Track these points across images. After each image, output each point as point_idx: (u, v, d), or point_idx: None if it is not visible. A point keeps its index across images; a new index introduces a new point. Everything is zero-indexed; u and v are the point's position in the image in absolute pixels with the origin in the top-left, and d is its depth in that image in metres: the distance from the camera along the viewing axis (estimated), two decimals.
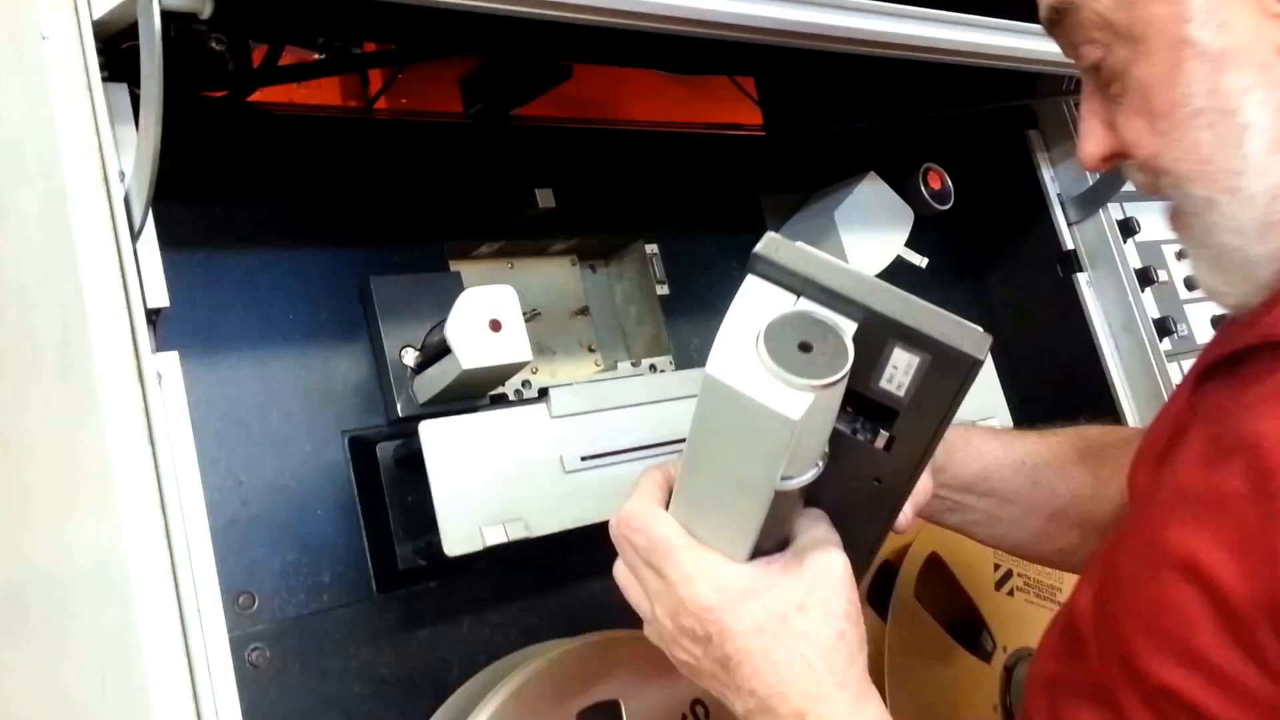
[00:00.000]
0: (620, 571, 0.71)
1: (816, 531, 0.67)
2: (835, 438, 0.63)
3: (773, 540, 0.67)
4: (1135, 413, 1.41)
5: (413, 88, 1.79)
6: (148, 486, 0.67)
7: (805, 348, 0.56)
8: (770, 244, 0.60)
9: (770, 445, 0.58)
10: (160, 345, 0.85)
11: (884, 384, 0.61)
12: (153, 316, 0.76)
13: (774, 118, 1.65)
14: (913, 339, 0.58)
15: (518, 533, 0.88)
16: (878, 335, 0.59)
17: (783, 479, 0.61)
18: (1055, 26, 0.71)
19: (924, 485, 0.84)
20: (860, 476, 0.67)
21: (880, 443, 0.64)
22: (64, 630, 0.78)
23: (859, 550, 0.70)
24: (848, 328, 0.58)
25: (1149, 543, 0.64)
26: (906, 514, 0.78)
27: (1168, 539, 0.61)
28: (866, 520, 0.72)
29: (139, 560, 0.66)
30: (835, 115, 1.51)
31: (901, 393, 0.61)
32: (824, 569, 0.65)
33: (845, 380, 0.57)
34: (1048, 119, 1.45)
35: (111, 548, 0.68)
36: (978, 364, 0.58)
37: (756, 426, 0.57)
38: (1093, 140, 0.71)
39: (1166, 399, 0.90)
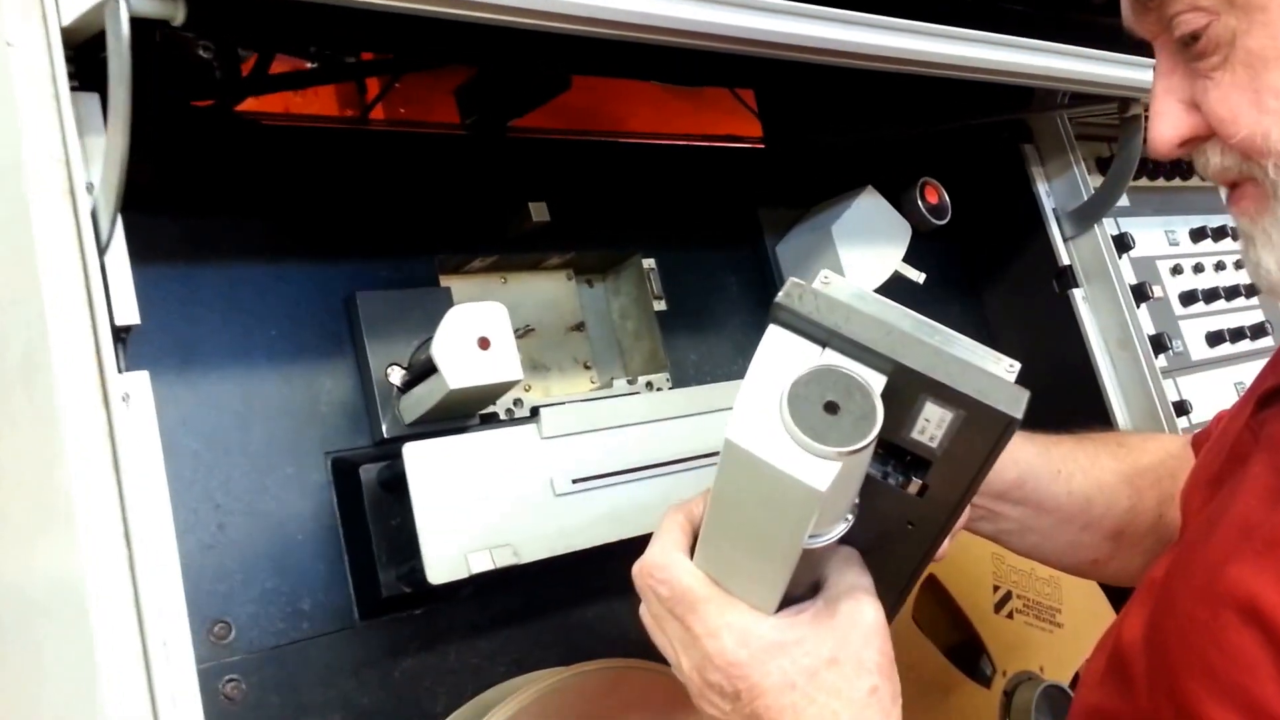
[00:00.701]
0: (646, 618, 0.65)
1: (848, 577, 0.61)
2: (867, 481, 0.58)
3: (803, 588, 0.61)
4: (1131, 428, 1.35)
5: (410, 98, 1.73)
6: (110, 512, 0.62)
7: (831, 408, 0.51)
8: (793, 291, 0.54)
9: (796, 513, 0.53)
10: (131, 364, 0.79)
11: (916, 435, 0.55)
12: (122, 334, 0.70)
13: (774, 130, 1.59)
14: (946, 395, 0.53)
15: (505, 559, 0.82)
16: (909, 389, 0.53)
17: (810, 537, 0.55)
18: None
19: None
20: (892, 519, 0.61)
21: (913, 489, 0.58)
22: (35, 655, 0.72)
23: (891, 590, 0.65)
24: (876, 383, 0.52)
25: (1208, 578, 0.58)
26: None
27: (1228, 576, 0.56)
28: (899, 560, 0.65)
29: (98, 588, 0.60)
30: (834, 128, 1.46)
31: (935, 445, 0.55)
32: (856, 619, 0.59)
33: (874, 443, 0.51)
34: (1043, 133, 1.39)
35: (72, 574, 0.62)
36: (1014, 423, 0.53)
37: (781, 495, 0.52)
38: (1168, 121, 0.64)
39: (1220, 425, 0.84)
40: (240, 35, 1.05)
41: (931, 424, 0.54)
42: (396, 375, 0.92)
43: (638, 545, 0.89)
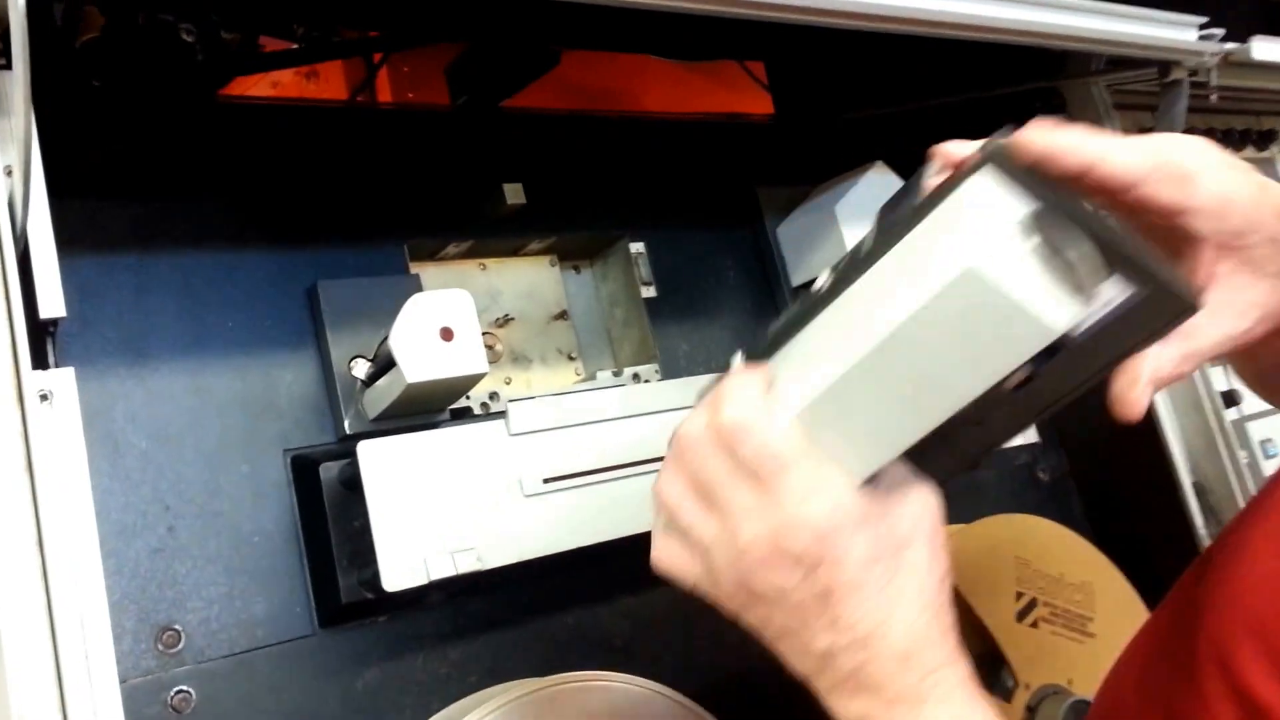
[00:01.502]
0: (672, 487, 0.60)
1: (905, 468, 0.59)
2: None
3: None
4: (1181, 448, 1.32)
5: (406, 79, 1.74)
6: (20, 518, 0.62)
7: (1065, 257, 0.50)
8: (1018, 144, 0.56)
9: (1014, 353, 0.52)
10: (68, 358, 0.80)
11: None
12: (48, 328, 0.70)
13: (786, 105, 1.59)
14: (1135, 271, 0.52)
15: (468, 565, 0.82)
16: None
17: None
18: None
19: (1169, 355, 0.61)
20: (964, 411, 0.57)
21: (1014, 380, 0.55)
22: None
23: None
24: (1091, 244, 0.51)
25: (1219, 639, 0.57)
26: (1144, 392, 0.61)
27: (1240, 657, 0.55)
28: (938, 460, 0.60)
29: (6, 600, 0.60)
30: (848, 102, 1.45)
31: (1078, 332, 0.53)
32: (928, 506, 0.58)
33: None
34: (1076, 102, 1.37)
35: None
36: (1191, 309, 0.52)
37: (1008, 332, 0.51)
38: None
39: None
40: (223, 15, 1.07)
41: (1095, 304, 0.52)
42: (360, 368, 0.93)
43: (614, 548, 0.90)
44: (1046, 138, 0.58)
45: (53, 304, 0.69)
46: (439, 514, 0.84)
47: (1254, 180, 0.60)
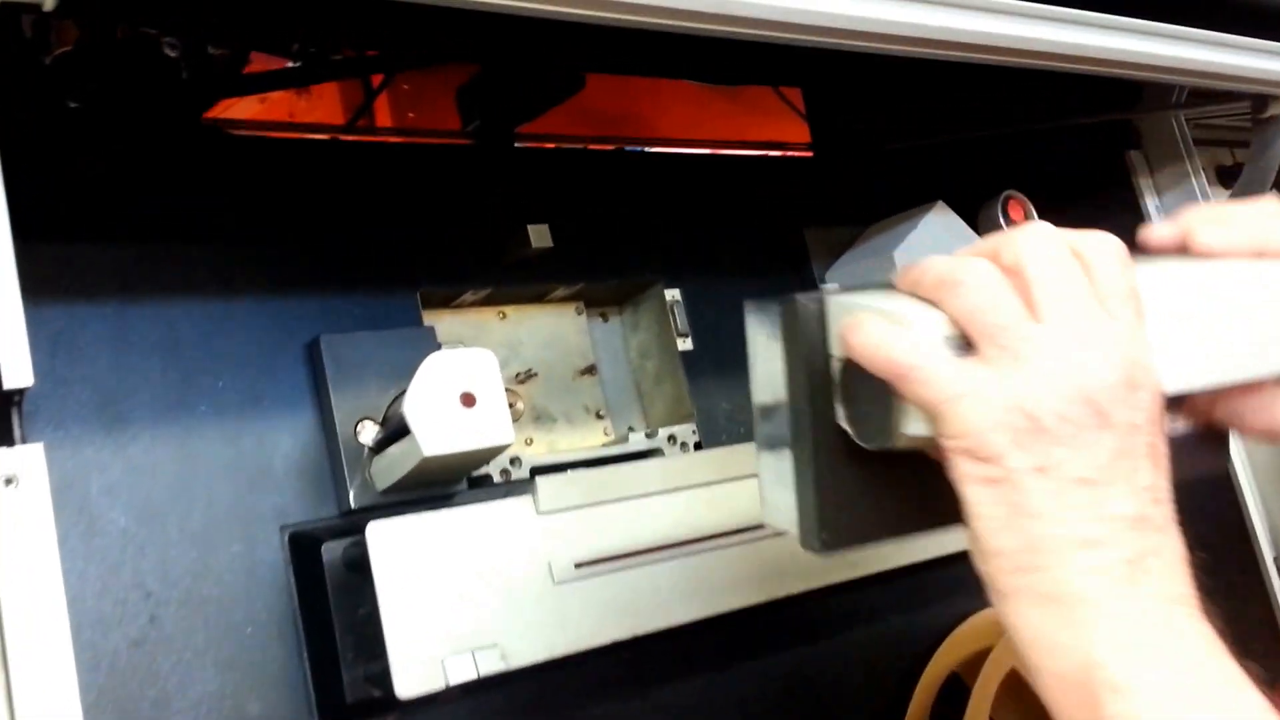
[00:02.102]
0: (985, 284, 0.53)
1: None
2: None
3: None
4: (1252, 484, 1.26)
5: (410, 101, 1.69)
6: None
7: None
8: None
9: None
10: (33, 427, 0.74)
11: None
12: (12, 399, 0.64)
13: (825, 135, 1.53)
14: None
15: (491, 665, 0.76)
16: None
17: None
18: None
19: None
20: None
21: None
22: None
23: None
24: None
25: None
26: None
27: None
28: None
29: None
30: (895, 132, 1.39)
31: None
32: None
33: None
34: (1153, 137, 1.31)
35: None
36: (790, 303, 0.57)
37: None
38: None
39: None
40: (207, 30, 1.01)
41: None
42: (368, 433, 0.87)
43: (652, 640, 0.84)
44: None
45: (18, 372, 0.63)
46: (458, 605, 0.77)
47: None
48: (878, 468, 0.56)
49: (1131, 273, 0.54)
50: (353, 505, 0.85)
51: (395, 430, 0.83)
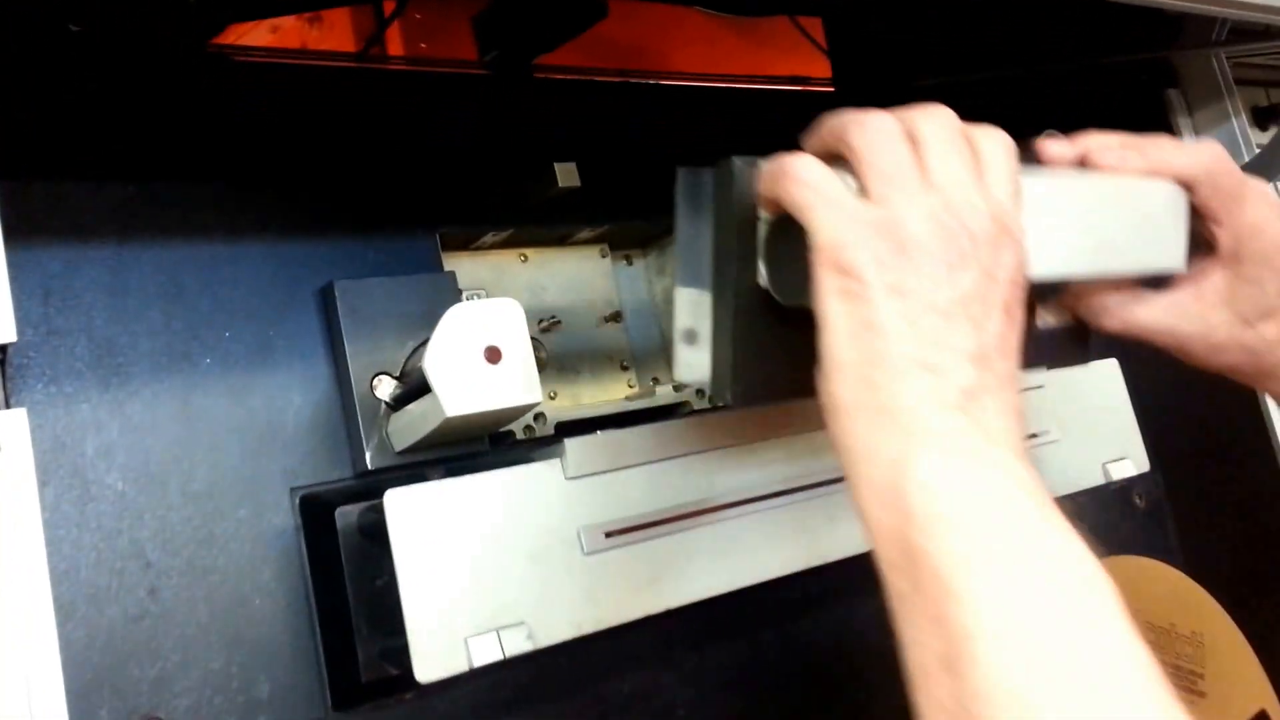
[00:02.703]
0: (936, 132, 0.57)
1: None
2: None
3: None
4: None
5: (423, 29, 1.58)
6: None
7: None
8: None
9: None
10: (19, 386, 0.66)
11: None
12: None
13: (846, 69, 1.43)
14: None
15: (517, 645, 0.69)
16: None
17: None
18: None
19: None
20: None
21: None
22: None
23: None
24: None
25: None
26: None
27: None
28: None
29: None
30: (923, 67, 1.30)
31: None
32: None
33: None
34: (1192, 76, 1.22)
35: None
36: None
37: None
38: None
39: None
40: None
41: None
42: (385, 388, 0.79)
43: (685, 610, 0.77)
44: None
45: (1, 327, 0.55)
46: (481, 580, 0.70)
47: None
48: (793, 328, 0.58)
49: (1014, 161, 0.58)
50: (369, 466, 0.77)
51: (415, 387, 0.75)
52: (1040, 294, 0.70)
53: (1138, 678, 0.44)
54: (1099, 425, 1.01)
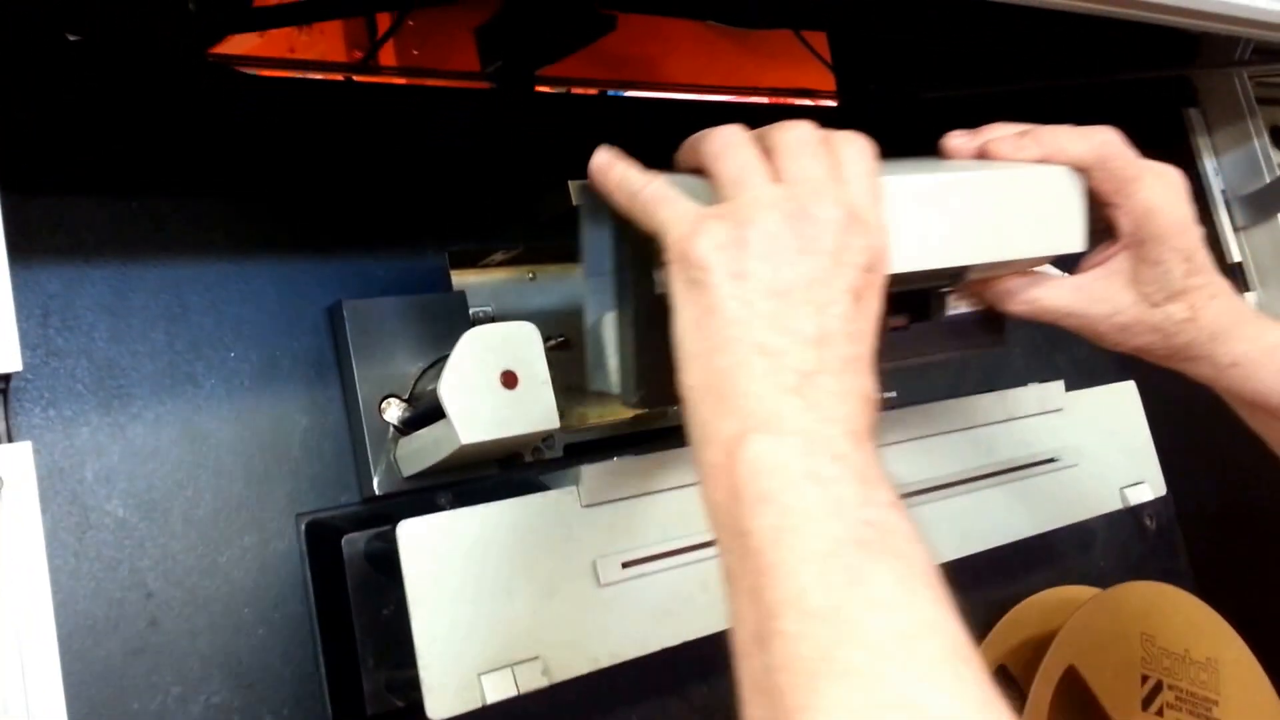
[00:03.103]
0: (795, 141, 0.58)
1: None
2: None
3: None
4: None
5: (424, 39, 1.56)
6: None
7: None
8: None
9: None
10: (21, 410, 0.64)
11: None
12: None
13: (850, 82, 1.41)
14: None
15: (532, 681, 0.66)
16: None
17: None
18: None
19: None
20: None
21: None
22: None
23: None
24: None
25: None
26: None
27: None
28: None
29: None
30: (927, 80, 1.27)
31: None
32: None
33: None
34: (1212, 95, 1.20)
35: None
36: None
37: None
38: None
39: None
40: None
41: None
42: (394, 411, 0.76)
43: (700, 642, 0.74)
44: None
45: (4, 356, 0.52)
46: (495, 613, 0.67)
47: (1183, 206, 0.71)
48: None
49: (872, 161, 0.58)
50: (376, 491, 0.74)
51: (425, 411, 0.73)
52: (946, 281, 0.72)
53: (934, 651, 0.44)
54: (1117, 449, 0.98)
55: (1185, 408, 1.02)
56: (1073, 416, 0.98)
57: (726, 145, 0.58)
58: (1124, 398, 1.03)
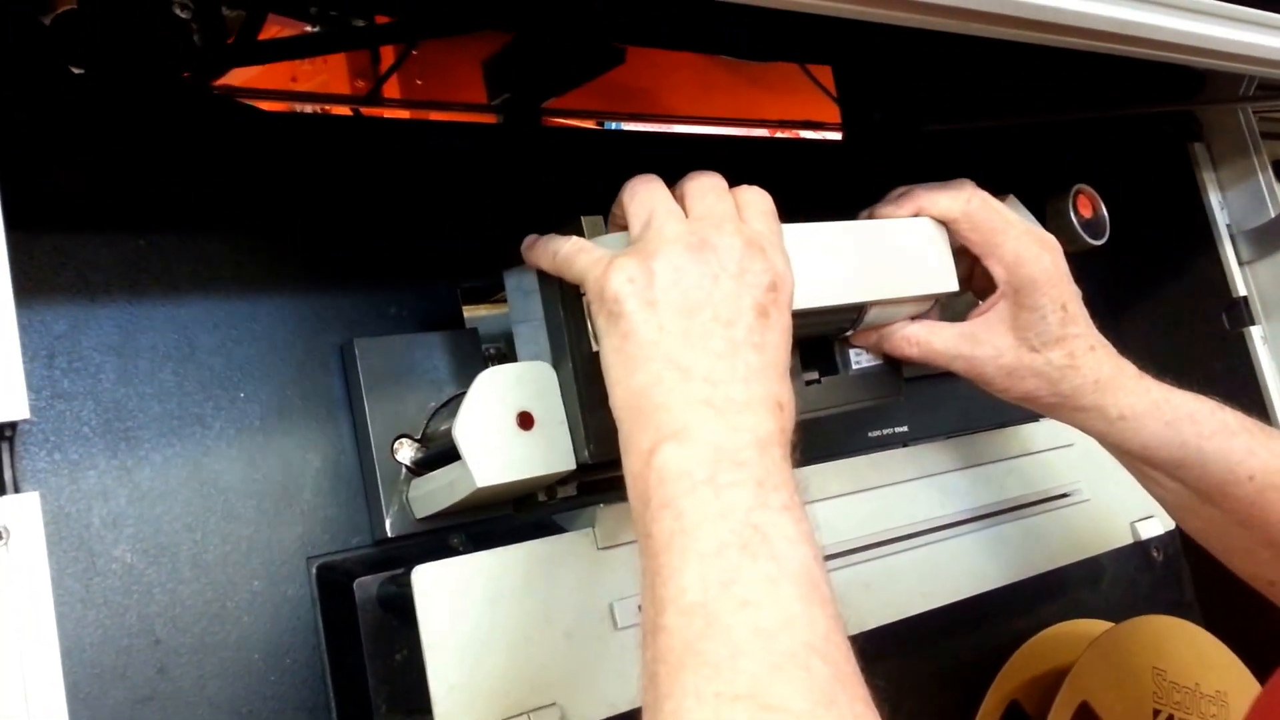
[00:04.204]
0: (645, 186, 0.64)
1: None
2: None
3: None
4: None
5: (431, 71, 1.54)
6: None
7: None
8: None
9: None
10: (27, 455, 0.61)
11: None
12: (3, 433, 0.51)
13: (855, 115, 1.39)
14: None
15: None
16: None
17: None
18: None
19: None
20: None
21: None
22: None
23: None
24: None
25: None
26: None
27: None
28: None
29: None
30: (932, 113, 1.25)
31: None
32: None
33: None
34: (1217, 130, 1.18)
35: None
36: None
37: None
38: None
39: None
40: None
41: None
42: (407, 452, 0.73)
43: None
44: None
45: (10, 403, 0.49)
46: (512, 659, 0.64)
47: (1050, 259, 0.77)
48: None
49: (769, 201, 0.64)
50: (388, 533, 0.72)
51: (440, 452, 0.70)
52: (843, 329, 0.79)
53: (789, 647, 0.46)
54: (1127, 483, 0.96)
55: None
56: (1084, 451, 0.96)
57: (635, 193, 0.63)
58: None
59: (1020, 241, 0.77)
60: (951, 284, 0.80)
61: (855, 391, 0.81)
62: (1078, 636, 1.02)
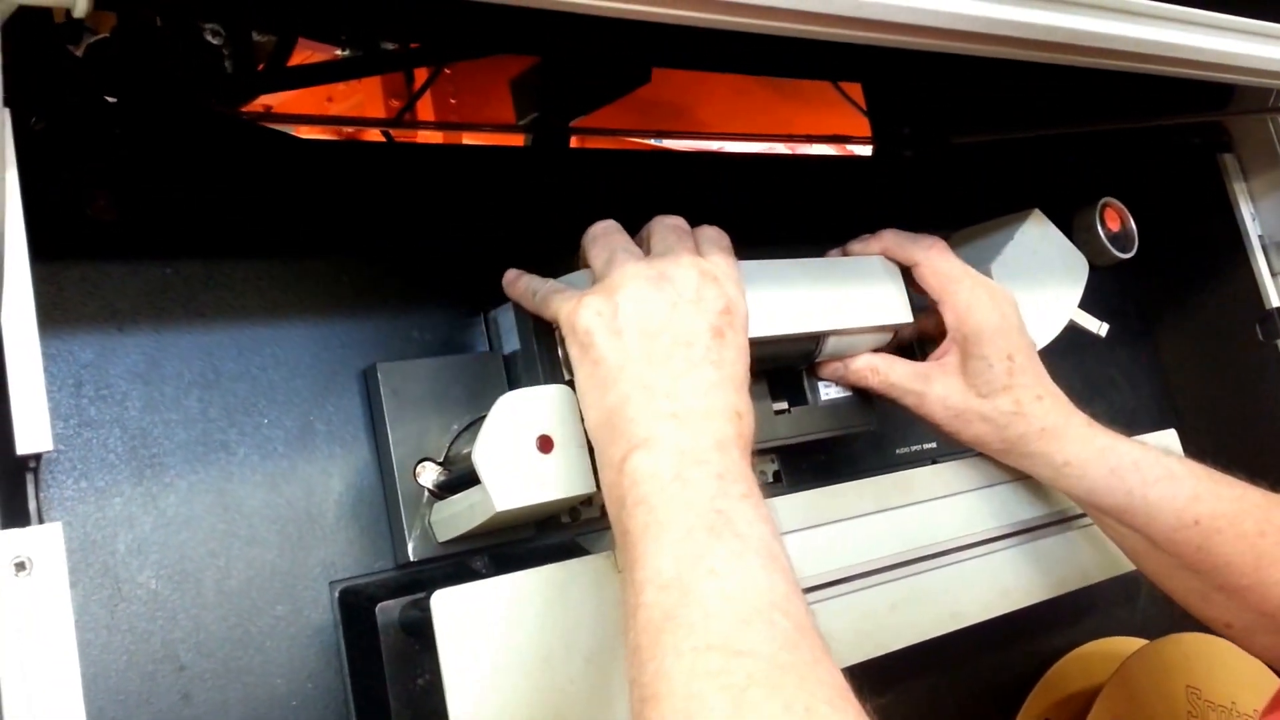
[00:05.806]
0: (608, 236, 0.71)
1: None
2: None
3: None
4: None
5: (464, 89, 1.54)
6: None
7: None
8: None
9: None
10: (52, 484, 0.61)
11: None
12: (27, 464, 0.51)
13: (885, 129, 1.38)
14: None
15: None
16: None
17: None
18: None
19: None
20: None
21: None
22: None
23: None
24: None
25: None
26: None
27: None
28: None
29: None
30: (961, 126, 1.24)
31: None
32: None
33: None
34: (1247, 140, 1.16)
35: None
36: None
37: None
38: None
39: None
40: (257, 17, 0.87)
41: None
42: (429, 475, 0.73)
43: None
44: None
45: (34, 435, 0.49)
46: (534, 685, 0.64)
47: (1000, 311, 0.82)
48: None
49: (726, 239, 0.71)
50: (411, 557, 0.71)
51: (460, 476, 0.70)
52: (808, 357, 0.83)
53: (754, 604, 0.52)
54: None
55: (1225, 457, 0.98)
56: None
57: (596, 238, 0.70)
58: (1166, 448, 0.99)
59: (973, 293, 0.81)
60: (905, 316, 0.83)
61: (823, 421, 0.84)
62: (1111, 655, 1.00)
